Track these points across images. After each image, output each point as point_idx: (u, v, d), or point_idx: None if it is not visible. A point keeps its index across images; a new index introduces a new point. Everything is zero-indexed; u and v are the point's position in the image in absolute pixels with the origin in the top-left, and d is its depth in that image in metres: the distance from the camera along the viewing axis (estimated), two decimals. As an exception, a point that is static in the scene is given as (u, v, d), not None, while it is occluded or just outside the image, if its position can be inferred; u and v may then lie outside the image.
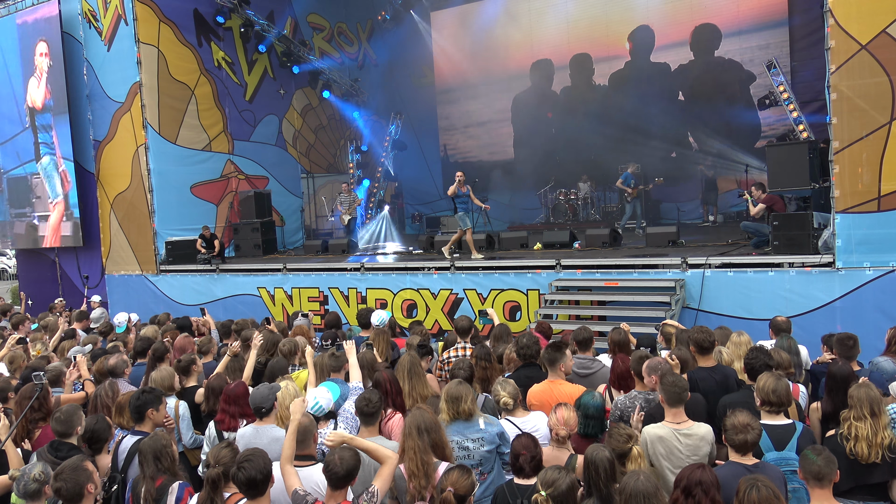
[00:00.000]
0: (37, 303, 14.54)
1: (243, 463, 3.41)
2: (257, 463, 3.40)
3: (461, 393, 4.28)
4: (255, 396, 4.54)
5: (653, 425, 4.22)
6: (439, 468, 3.73)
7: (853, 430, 4.01)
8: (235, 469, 3.42)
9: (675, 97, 16.64)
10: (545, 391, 4.98)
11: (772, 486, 3.15)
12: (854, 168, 8.05)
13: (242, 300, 12.94)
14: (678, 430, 4.12)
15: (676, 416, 4.19)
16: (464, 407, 4.23)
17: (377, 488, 3.55)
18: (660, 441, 4.11)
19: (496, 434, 4.24)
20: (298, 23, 18.21)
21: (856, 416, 4.03)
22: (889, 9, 7.79)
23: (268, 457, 3.49)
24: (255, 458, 3.43)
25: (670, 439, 4.11)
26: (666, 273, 9.31)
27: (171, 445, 4.03)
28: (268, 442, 4.27)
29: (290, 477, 3.66)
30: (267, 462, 3.45)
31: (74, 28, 14.97)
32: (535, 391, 5.04)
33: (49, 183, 15.82)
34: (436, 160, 20.43)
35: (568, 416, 4.11)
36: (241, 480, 3.40)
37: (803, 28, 14.61)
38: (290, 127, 18.08)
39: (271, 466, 3.48)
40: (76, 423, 4.49)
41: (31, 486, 3.64)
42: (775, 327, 6.22)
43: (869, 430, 3.98)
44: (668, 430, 4.14)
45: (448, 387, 4.39)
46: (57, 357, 7.24)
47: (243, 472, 3.38)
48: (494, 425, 4.29)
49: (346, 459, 3.47)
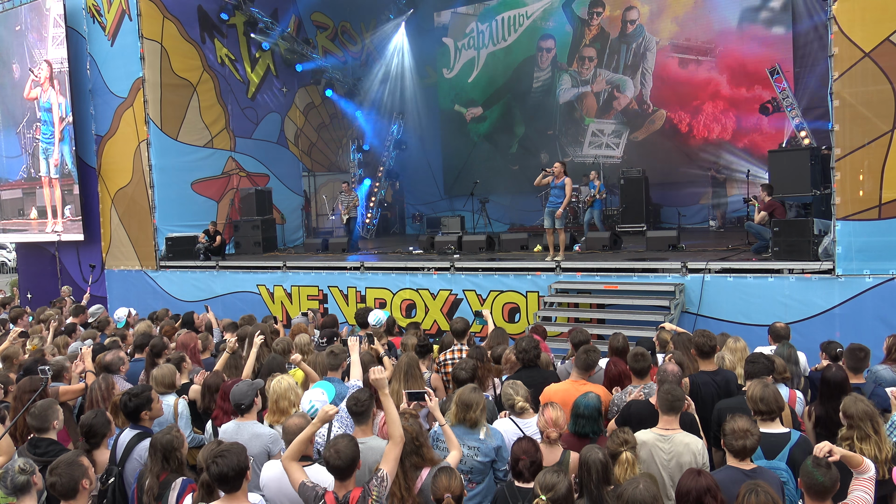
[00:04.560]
0: (36, 297, 14.55)
1: (217, 458, 3.35)
2: (231, 459, 3.33)
3: (473, 401, 4.26)
4: (236, 393, 4.56)
5: (644, 430, 4.20)
6: (422, 473, 3.70)
7: (857, 450, 3.89)
8: (210, 461, 3.37)
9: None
10: (568, 391, 4.92)
11: (771, 492, 3.14)
12: (855, 175, 8.05)
13: (242, 297, 12.93)
14: (663, 437, 4.09)
15: (667, 423, 4.15)
16: (472, 415, 4.22)
17: (386, 472, 3.50)
18: (642, 445, 4.09)
19: (493, 448, 4.21)
20: (302, 21, 18.21)
21: (859, 436, 3.95)
22: (893, 17, 7.79)
23: (245, 453, 3.44)
24: (230, 453, 3.36)
25: (652, 444, 4.09)
26: (666, 277, 9.30)
27: (184, 447, 4.02)
28: (248, 438, 4.30)
29: (295, 472, 3.62)
30: (243, 458, 3.39)
31: (78, 23, 14.96)
32: (555, 390, 4.99)
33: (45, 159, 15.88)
34: (437, 160, 20.43)
35: (556, 417, 4.10)
36: (213, 474, 3.35)
37: (807, 35, 14.61)
38: (292, 125, 18.08)
39: (247, 462, 3.43)
40: (52, 417, 4.46)
41: (19, 478, 3.55)
42: (774, 333, 6.21)
43: (874, 449, 3.92)
44: (653, 435, 4.13)
45: (463, 391, 4.37)
46: (52, 352, 7.19)
47: (215, 467, 3.33)
48: (494, 439, 4.25)
49: (343, 450, 3.45)
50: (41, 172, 16.04)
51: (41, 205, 16.14)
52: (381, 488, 3.42)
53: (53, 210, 15.91)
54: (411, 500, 3.63)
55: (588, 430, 4.30)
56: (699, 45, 16.15)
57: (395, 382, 5.13)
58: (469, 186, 15.44)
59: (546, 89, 18.45)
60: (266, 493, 3.88)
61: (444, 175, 20.26)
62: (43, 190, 16.06)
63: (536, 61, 18.47)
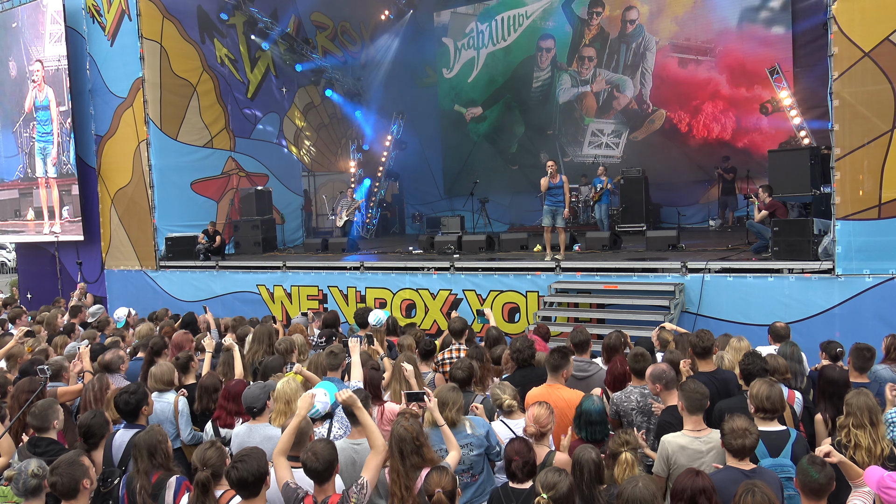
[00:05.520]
0: (36, 297, 14.54)
1: (237, 462, 3.35)
2: (251, 465, 3.33)
3: (449, 399, 4.23)
4: (247, 396, 4.54)
5: (672, 434, 4.11)
6: (422, 473, 3.71)
7: (852, 437, 3.93)
8: (230, 467, 3.38)
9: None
10: (544, 395, 4.96)
11: (768, 492, 3.14)
12: (855, 175, 8.05)
13: (241, 297, 12.93)
14: (699, 439, 4.03)
15: (696, 423, 4.09)
16: (447, 414, 4.17)
17: (366, 480, 3.52)
18: (681, 451, 4.00)
19: (483, 436, 4.21)
20: (302, 21, 18.22)
21: (855, 423, 3.97)
22: (892, 16, 7.79)
23: (265, 457, 3.44)
24: (250, 458, 3.35)
25: (693, 448, 4.01)
26: (665, 277, 9.30)
27: (167, 441, 4.00)
28: (260, 440, 4.27)
29: (281, 469, 3.62)
30: (262, 463, 3.39)
31: (78, 23, 14.96)
32: (534, 394, 5.02)
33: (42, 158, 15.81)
34: (437, 160, 20.43)
35: (538, 414, 4.09)
36: (232, 479, 3.35)
37: (806, 34, 14.61)
38: (291, 125, 18.08)
39: (267, 468, 3.43)
40: (52, 417, 4.46)
41: (31, 482, 3.57)
42: (774, 333, 6.20)
43: (869, 440, 3.91)
44: (689, 438, 4.05)
45: (440, 390, 4.35)
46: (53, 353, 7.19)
47: (235, 472, 3.32)
48: (480, 427, 4.25)
49: (320, 452, 3.45)
50: (38, 172, 16.00)
51: (38, 206, 16.12)
52: (360, 495, 3.43)
53: (51, 211, 15.87)
54: (411, 501, 3.62)
55: (603, 435, 4.25)
56: (699, 44, 16.16)
57: (395, 382, 5.13)
58: (469, 186, 15.45)
59: (546, 89, 18.46)
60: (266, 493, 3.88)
61: (443, 175, 20.26)
62: (39, 191, 16.01)
63: (536, 61, 18.48)
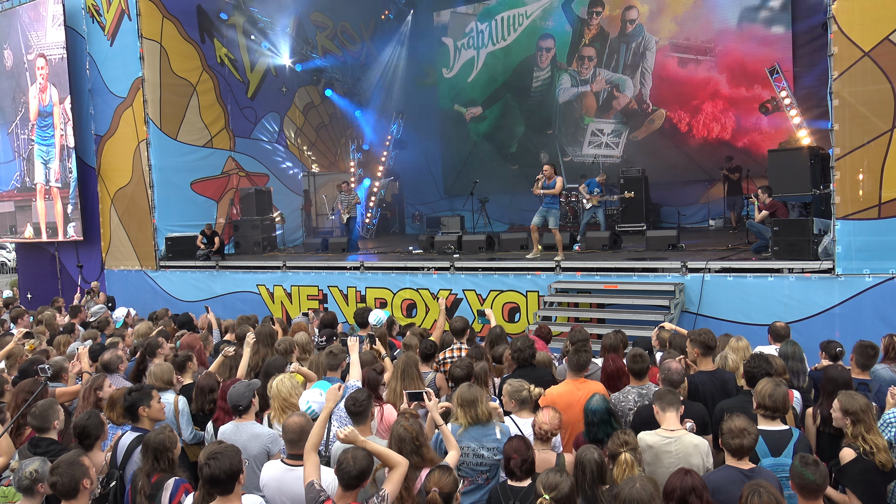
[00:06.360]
0: (36, 297, 14.54)
1: (209, 460, 3.31)
2: (223, 462, 3.29)
3: (475, 396, 4.19)
4: (233, 394, 4.54)
5: (646, 431, 4.18)
6: (422, 473, 3.71)
7: (870, 443, 3.92)
8: (202, 464, 3.33)
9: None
10: (570, 392, 4.91)
11: (774, 492, 3.14)
12: (855, 175, 8.05)
13: (242, 297, 12.93)
14: (668, 438, 4.07)
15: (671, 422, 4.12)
16: (481, 409, 4.14)
17: (387, 492, 3.48)
18: (648, 449, 4.06)
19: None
20: (302, 20, 18.21)
21: (866, 428, 3.95)
22: (892, 16, 7.79)
23: (239, 455, 3.41)
24: (223, 456, 3.31)
25: (658, 447, 4.06)
26: (665, 277, 9.30)
27: (175, 448, 3.99)
28: (247, 438, 4.30)
29: (311, 465, 3.58)
30: (235, 461, 3.35)
31: (77, 22, 14.96)
32: (558, 393, 4.96)
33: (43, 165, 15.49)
34: (437, 160, 20.42)
35: (549, 418, 4.09)
36: (204, 476, 3.31)
37: (806, 34, 14.61)
38: (291, 125, 18.07)
39: (241, 465, 3.39)
40: (53, 417, 4.46)
41: (24, 482, 3.63)
42: (774, 333, 6.20)
43: (882, 439, 3.95)
44: (656, 437, 4.11)
45: (460, 391, 4.29)
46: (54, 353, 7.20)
47: (207, 469, 3.29)
48: (508, 434, 4.19)
49: (360, 459, 3.41)
50: (37, 179, 15.65)
51: (36, 221, 15.56)
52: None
53: (51, 227, 15.38)
54: (411, 501, 3.62)
55: (603, 435, 4.16)
56: (699, 44, 16.15)
57: (395, 382, 5.13)
58: (469, 186, 15.42)
59: (545, 89, 18.45)
60: (266, 493, 3.87)
61: (443, 175, 20.25)
62: (38, 203, 15.45)
63: (536, 61, 18.47)
